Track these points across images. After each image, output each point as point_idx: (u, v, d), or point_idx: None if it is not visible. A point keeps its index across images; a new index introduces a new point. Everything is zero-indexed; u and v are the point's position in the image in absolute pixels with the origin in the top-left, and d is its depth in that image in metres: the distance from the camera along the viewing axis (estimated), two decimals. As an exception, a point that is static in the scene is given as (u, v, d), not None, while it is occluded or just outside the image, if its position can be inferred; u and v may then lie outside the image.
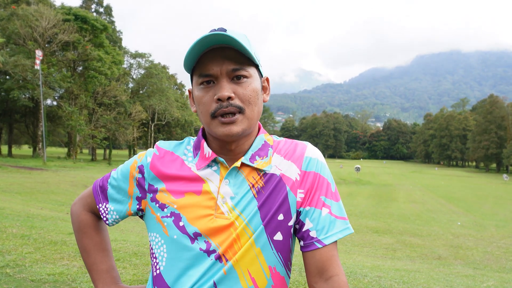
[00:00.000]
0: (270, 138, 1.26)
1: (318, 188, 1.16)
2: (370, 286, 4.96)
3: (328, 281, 1.09)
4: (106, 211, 1.29)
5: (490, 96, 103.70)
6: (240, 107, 1.10)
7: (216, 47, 1.09)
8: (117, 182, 1.28)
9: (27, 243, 6.38)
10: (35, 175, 22.52)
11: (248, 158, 1.17)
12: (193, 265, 1.11)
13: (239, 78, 1.11)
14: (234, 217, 1.11)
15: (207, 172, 1.17)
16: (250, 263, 1.11)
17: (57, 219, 10.13)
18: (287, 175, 1.16)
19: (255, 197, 1.13)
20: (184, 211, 1.14)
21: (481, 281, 6.26)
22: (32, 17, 38.44)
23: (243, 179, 1.15)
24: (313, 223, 1.13)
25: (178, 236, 1.13)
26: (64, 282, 4.57)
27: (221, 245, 1.10)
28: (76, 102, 44.55)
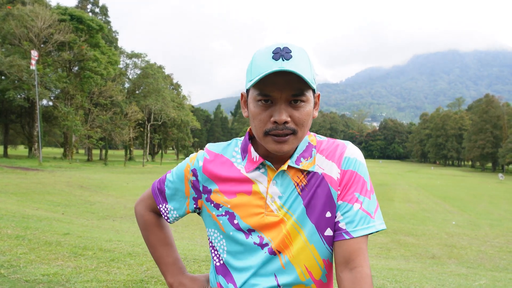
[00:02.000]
0: (314, 138, 1.34)
1: (353, 184, 1.23)
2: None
3: (353, 271, 1.15)
4: (166, 210, 1.43)
5: (485, 95, 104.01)
6: (294, 129, 1.17)
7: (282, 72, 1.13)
8: (173, 185, 1.39)
9: (21, 243, 6.39)
10: (30, 176, 22.49)
11: (294, 161, 1.25)
12: (250, 257, 1.23)
13: (296, 102, 1.16)
14: (282, 214, 1.22)
15: (255, 174, 1.27)
16: (306, 259, 1.22)
17: (52, 219, 10.14)
18: (329, 174, 1.24)
19: (300, 195, 1.22)
20: (237, 210, 1.25)
21: (473, 279, 6.31)
22: (27, 17, 38.41)
23: (289, 179, 1.24)
24: (343, 216, 1.21)
25: (234, 232, 1.26)
26: (58, 283, 4.59)
27: (273, 239, 1.21)
28: (72, 103, 44.50)
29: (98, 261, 5.65)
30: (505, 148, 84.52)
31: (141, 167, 48.05)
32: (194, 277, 1.43)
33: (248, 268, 1.23)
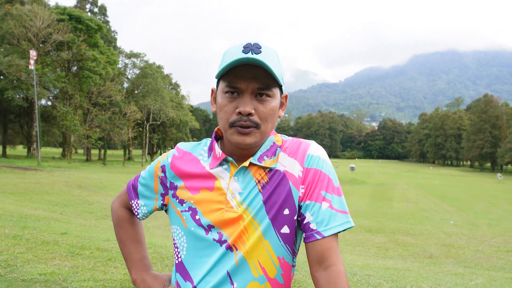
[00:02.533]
0: (279, 138, 1.35)
1: (318, 183, 1.24)
2: (359, 284, 5.01)
3: (327, 270, 1.17)
4: (137, 206, 1.47)
5: (484, 95, 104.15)
6: (257, 123, 1.20)
7: (248, 64, 1.17)
8: (145, 181, 1.44)
9: (19, 243, 6.40)
10: (29, 176, 22.48)
11: (257, 158, 1.27)
12: (208, 254, 1.25)
13: (262, 95, 1.20)
14: (241, 211, 1.23)
15: (218, 170, 1.29)
16: (260, 254, 1.22)
17: (50, 219, 10.14)
18: (290, 172, 1.25)
19: (260, 192, 1.24)
20: (199, 206, 1.27)
21: (470, 279, 6.33)
22: (26, 17, 38.37)
23: (251, 176, 1.26)
24: (313, 216, 1.21)
25: (195, 228, 1.27)
26: (55, 282, 4.60)
27: (231, 235, 1.22)
28: (70, 102, 44.50)
29: (95, 260, 5.66)
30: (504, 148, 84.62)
31: (140, 167, 48.07)
32: (156, 275, 1.45)
33: (204, 265, 1.25)
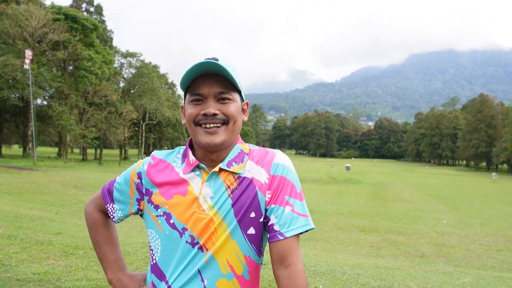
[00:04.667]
0: (247, 146, 1.47)
1: (283, 189, 1.36)
2: (348, 283, 5.11)
3: (287, 268, 1.29)
4: (112, 210, 1.55)
5: (480, 95, 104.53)
6: (225, 120, 1.35)
7: (209, 73, 1.33)
8: (120, 186, 1.53)
9: (13, 243, 6.47)
10: (24, 175, 22.49)
11: (226, 164, 1.38)
12: (182, 256, 1.34)
13: (224, 100, 1.35)
14: (212, 214, 1.33)
15: (191, 176, 1.40)
16: (228, 253, 1.33)
17: (45, 219, 10.21)
18: (257, 178, 1.37)
19: (229, 197, 1.35)
20: (173, 210, 1.37)
21: (458, 277, 6.44)
22: (22, 16, 38.31)
23: (221, 181, 1.37)
24: (277, 218, 1.33)
25: (170, 232, 1.36)
26: (49, 281, 4.68)
27: (202, 237, 1.32)
28: (66, 102, 44.44)
29: (89, 260, 5.74)
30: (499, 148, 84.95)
31: (136, 166, 48.08)
32: (132, 275, 1.54)
33: (178, 266, 1.34)
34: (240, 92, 1.41)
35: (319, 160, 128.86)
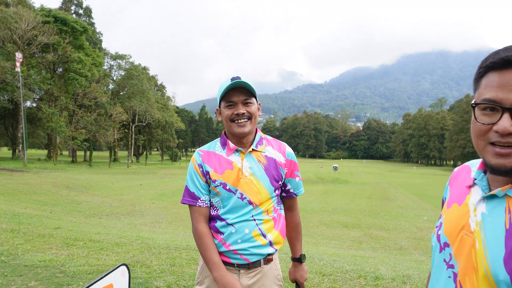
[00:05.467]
0: (263, 134, 2.27)
1: (294, 168, 2.25)
2: (324, 267, 5.67)
3: (292, 212, 2.33)
4: (203, 202, 2.15)
5: (466, 96, 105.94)
6: (249, 116, 2.07)
7: (236, 87, 2.04)
8: (195, 185, 2.16)
9: (17, 236, 6.96)
10: (16, 177, 22.78)
11: (254, 146, 2.16)
12: (236, 208, 2.08)
13: (247, 104, 2.07)
14: (252, 177, 2.11)
15: (232, 156, 2.15)
16: (268, 205, 2.13)
17: (42, 217, 10.66)
18: (278, 160, 2.19)
19: (263, 168, 2.13)
20: (227, 180, 2.09)
21: (427, 264, 7.04)
22: (11, 19, 38.42)
23: (254, 157, 2.15)
24: (292, 186, 2.26)
25: (227, 194, 2.09)
26: (54, 267, 5.19)
27: (249, 194, 2.08)
28: (56, 104, 44.61)
29: (89, 250, 6.26)
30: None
31: (125, 168, 48.34)
32: (229, 273, 2.08)
33: (234, 214, 2.08)
34: (256, 97, 2.13)
35: (308, 161, 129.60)
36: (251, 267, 2.11)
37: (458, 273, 1.06)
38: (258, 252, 2.10)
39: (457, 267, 1.08)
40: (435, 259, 1.18)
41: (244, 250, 2.07)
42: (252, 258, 2.09)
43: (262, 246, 2.10)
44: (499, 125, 0.97)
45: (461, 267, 1.06)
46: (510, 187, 1.02)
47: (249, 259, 2.09)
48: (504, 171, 1.00)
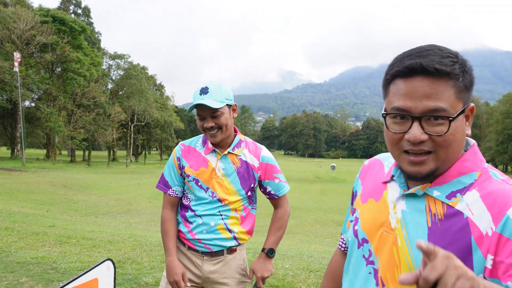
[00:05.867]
0: (243, 137, 2.36)
1: (270, 171, 2.33)
2: (312, 263, 5.76)
3: (277, 209, 2.43)
4: (173, 192, 2.33)
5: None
6: (219, 127, 2.15)
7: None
8: (170, 174, 2.33)
9: (11, 234, 7.05)
10: (14, 176, 22.87)
11: (231, 149, 2.26)
12: (205, 203, 2.22)
13: (215, 117, 2.13)
14: (223, 178, 2.23)
15: (209, 156, 2.27)
16: (237, 204, 2.25)
17: (38, 215, 10.76)
18: (251, 163, 2.29)
19: (235, 170, 2.24)
20: (200, 177, 2.23)
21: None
22: (9, 19, 38.49)
23: (229, 160, 2.25)
24: (271, 187, 2.34)
25: (199, 190, 2.24)
26: (46, 264, 5.29)
27: (219, 193, 2.21)
28: (54, 104, 44.69)
29: (81, 247, 6.35)
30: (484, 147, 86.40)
31: (124, 167, 48.43)
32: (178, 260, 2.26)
33: (203, 208, 2.24)
34: (228, 103, 2.18)
35: (307, 160, 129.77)
36: (214, 255, 2.26)
37: (379, 269, 1.08)
38: (220, 244, 2.24)
39: (377, 263, 1.09)
40: (353, 255, 1.19)
41: (208, 240, 2.23)
42: (215, 248, 2.24)
43: (225, 239, 2.25)
44: (410, 134, 0.99)
45: (382, 263, 1.08)
46: (429, 186, 1.05)
47: (212, 248, 2.24)
48: (420, 178, 1.03)
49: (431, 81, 0.97)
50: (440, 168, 1.02)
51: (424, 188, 1.06)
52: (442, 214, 1.02)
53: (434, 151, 1.00)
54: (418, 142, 0.99)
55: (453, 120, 0.98)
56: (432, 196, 1.05)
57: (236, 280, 2.31)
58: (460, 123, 1.01)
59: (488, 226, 0.96)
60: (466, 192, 1.02)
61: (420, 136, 0.98)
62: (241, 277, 2.33)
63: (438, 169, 1.02)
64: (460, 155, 1.07)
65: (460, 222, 0.99)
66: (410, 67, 0.98)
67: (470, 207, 1.00)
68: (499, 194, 0.98)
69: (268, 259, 2.34)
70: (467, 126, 1.06)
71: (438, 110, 0.97)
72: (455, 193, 1.03)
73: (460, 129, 1.01)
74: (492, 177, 1.04)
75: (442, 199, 1.03)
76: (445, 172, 1.05)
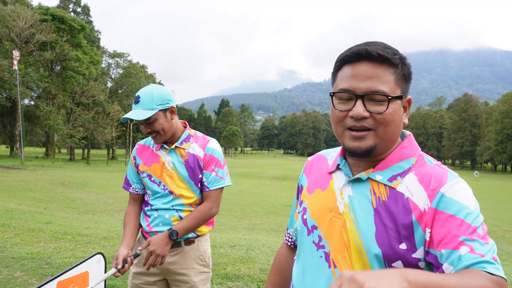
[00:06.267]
0: (193, 131, 2.48)
1: (211, 162, 2.41)
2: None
3: (204, 203, 2.40)
4: (134, 189, 2.49)
5: (464, 95, 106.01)
6: (156, 132, 2.29)
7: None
8: (130, 173, 2.52)
9: (7, 230, 7.11)
10: (13, 174, 22.90)
11: (179, 144, 2.39)
12: (160, 197, 2.36)
13: (150, 123, 2.26)
14: (172, 171, 2.36)
15: (160, 151, 2.41)
16: (190, 196, 2.37)
17: (35, 212, 10.80)
18: (198, 155, 2.40)
19: (183, 163, 2.36)
20: (152, 172, 2.38)
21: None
22: (9, 17, 38.50)
23: (177, 153, 2.38)
24: (206, 179, 2.39)
25: (152, 184, 2.38)
26: (41, 259, 5.35)
27: (170, 186, 2.35)
28: (53, 102, 44.69)
29: (76, 243, 6.41)
30: (483, 146, 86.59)
31: (123, 166, 48.43)
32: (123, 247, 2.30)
33: (157, 201, 2.37)
34: (162, 108, 2.28)
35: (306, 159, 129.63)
36: (172, 247, 2.34)
37: (330, 252, 1.17)
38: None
39: (327, 247, 1.18)
40: (303, 242, 1.26)
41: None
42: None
43: None
44: (354, 111, 1.10)
45: (332, 246, 1.16)
46: (372, 171, 1.16)
47: None
48: (361, 153, 1.13)
49: (375, 65, 1.09)
50: (378, 146, 1.13)
51: (367, 173, 1.16)
52: (386, 195, 1.12)
53: (374, 129, 1.10)
54: (361, 118, 1.10)
55: (391, 101, 1.10)
56: (375, 180, 1.15)
57: (195, 271, 2.40)
58: (398, 107, 1.12)
59: (425, 203, 1.06)
60: (405, 175, 1.13)
61: (363, 112, 1.09)
62: (201, 267, 2.43)
63: (377, 147, 1.12)
64: (399, 143, 1.19)
65: (402, 202, 1.09)
66: (357, 52, 1.10)
67: (409, 189, 1.10)
68: (433, 176, 1.10)
69: (167, 239, 2.22)
70: (405, 116, 1.17)
71: (379, 91, 1.08)
72: (396, 177, 1.13)
73: (398, 112, 1.12)
74: (427, 162, 1.16)
75: (385, 182, 1.13)
76: (386, 158, 1.16)
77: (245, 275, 4.96)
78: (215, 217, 2.53)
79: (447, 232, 1.00)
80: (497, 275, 0.91)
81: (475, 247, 0.96)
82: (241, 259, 5.73)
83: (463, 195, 1.05)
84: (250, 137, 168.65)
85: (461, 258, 0.95)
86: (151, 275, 2.41)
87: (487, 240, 0.99)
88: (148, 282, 2.42)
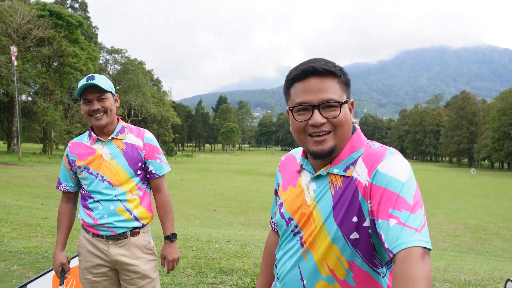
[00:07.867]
0: (126, 124, 2.57)
1: (153, 151, 2.54)
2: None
3: (159, 193, 2.59)
4: (64, 187, 2.58)
5: (462, 92, 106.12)
6: (105, 110, 2.37)
7: (91, 86, 2.33)
8: (62, 173, 2.58)
9: (4, 225, 7.17)
10: (10, 170, 22.93)
11: (115, 135, 2.47)
12: (100, 189, 2.38)
13: (101, 99, 2.36)
14: (111, 162, 2.42)
15: (96, 145, 2.46)
16: (130, 184, 2.45)
17: (32, 208, 10.88)
18: (137, 144, 2.49)
19: (121, 153, 2.43)
20: (90, 165, 2.43)
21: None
22: (6, 12, 38.38)
23: (114, 145, 2.45)
24: (153, 166, 2.53)
25: (91, 177, 2.42)
26: (38, 253, 5.42)
27: (108, 176, 2.39)
28: (51, 98, 44.62)
29: (73, 238, 6.45)
30: (480, 144, 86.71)
31: (121, 162, 48.39)
32: (63, 253, 2.54)
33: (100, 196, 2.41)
34: (112, 92, 2.42)
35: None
36: (118, 238, 2.41)
37: (303, 236, 1.37)
38: (123, 226, 2.40)
39: (302, 232, 1.38)
40: (284, 233, 1.46)
41: (110, 223, 2.38)
42: (118, 230, 2.40)
43: (126, 220, 2.41)
44: (313, 119, 1.30)
45: (305, 232, 1.36)
46: (330, 166, 1.35)
47: (115, 231, 2.39)
48: (325, 154, 1.32)
49: (322, 79, 1.30)
50: (337, 145, 1.32)
51: (326, 169, 1.36)
52: (341, 183, 1.31)
53: (332, 131, 1.30)
54: (320, 125, 1.29)
55: (342, 105, 1.30)
56: (333, 173, 1.34)
57: (144, 260, 2.47)
58: (347, 110, 1.33)
59: (365, 179, 1.26)
60: (356, 163, 1.32)
61: (321, 120, 1.29)
62: (149, 256, 2.51)
63: (336, 146, 1.32)
64: (348, 139, 1.37)
65: (353, 185, 1.29)
66: (305, 70, 1.30)
67: (357, 171, 1.30)
68: (373, 154, 1.30)
69: (173, 243, 2.59)
70: (352, 115, 1.37)
71: (330, 100, 1.28)
72: (349, 166, 1.32)
73: (347, 114, 1.32)
74: (372, 146, 1.35)
75: (341, 173, 1.33)
76: (340, 153, 1.35)
77: (239, 269, 5.04)
78: (211, 212, 2.65)
79: (379, 204, 1.18)
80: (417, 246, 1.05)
81: (402, 218, 1.11)
82: (235, 253, 5.83)
83: (395, 168, 1.22)
84: (248, 134, 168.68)
85: (390, 229, 1.11)
86: (100, 267, 2.46)
87: (415, 210, 1.13)
88: (99, 274, 2.47)
